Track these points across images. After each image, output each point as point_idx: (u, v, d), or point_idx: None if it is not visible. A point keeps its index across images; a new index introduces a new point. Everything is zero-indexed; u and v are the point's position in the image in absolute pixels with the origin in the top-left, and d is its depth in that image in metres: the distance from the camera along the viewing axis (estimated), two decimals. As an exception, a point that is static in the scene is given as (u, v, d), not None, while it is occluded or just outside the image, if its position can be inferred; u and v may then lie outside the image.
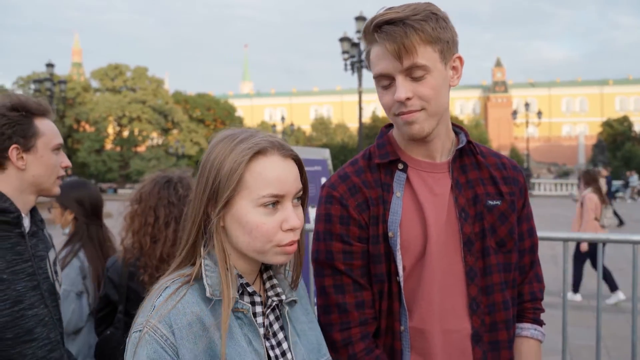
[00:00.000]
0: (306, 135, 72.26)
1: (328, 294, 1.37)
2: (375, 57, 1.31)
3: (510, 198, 1.45)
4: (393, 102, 1.31)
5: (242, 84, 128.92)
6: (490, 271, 1.39)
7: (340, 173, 1.44)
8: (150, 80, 58.93)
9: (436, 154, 1.41)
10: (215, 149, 1.09)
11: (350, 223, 1.36)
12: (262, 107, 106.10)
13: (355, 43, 18.90)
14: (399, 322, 1.36)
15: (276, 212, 1.07)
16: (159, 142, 59.57)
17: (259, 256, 1.10)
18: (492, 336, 1.39)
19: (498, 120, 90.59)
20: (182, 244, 1.12)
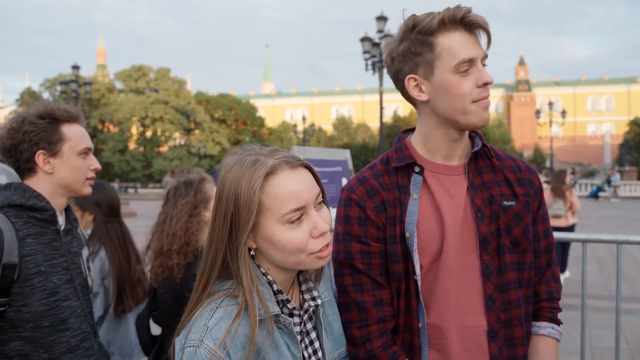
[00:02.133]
0: (327, 135, 72.33)
1: (348, 293, 1.42)
2: (459, 43, 1.36)
3: (525, 199, 1.49)
4: (472, 89, 1.38)
5: (263, 84, 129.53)
6: (506, 269, 1.44)
7: (359, 176, 1.50)
8: (173, 81, 59.59)
9: (455, 156, 1.48)
10: (228, 178, 1.12)
11: (368, 224, 1.42)
12: (283, 107, 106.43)
13: (376, 43, 18.86)
14: (417, 319, 1.41)
15: (302, 223, 1.10)
16: (182, 142, 60.20)
17: (297, 266, 1.14)
18: (508, 332, 1.43)
19: (521, 120, 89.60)
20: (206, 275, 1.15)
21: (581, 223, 9.35)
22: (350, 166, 5.12)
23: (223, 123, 62.56)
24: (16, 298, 1.61)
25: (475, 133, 1.54)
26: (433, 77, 1.40)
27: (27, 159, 1.73)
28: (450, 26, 1.36)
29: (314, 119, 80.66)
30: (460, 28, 1.37)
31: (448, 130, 1.44)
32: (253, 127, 64.61)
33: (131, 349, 2.75)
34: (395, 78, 1.47)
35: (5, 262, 1.57)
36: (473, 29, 1.38)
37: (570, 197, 8.09)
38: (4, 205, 1.67)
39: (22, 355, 1.62)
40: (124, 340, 2.72)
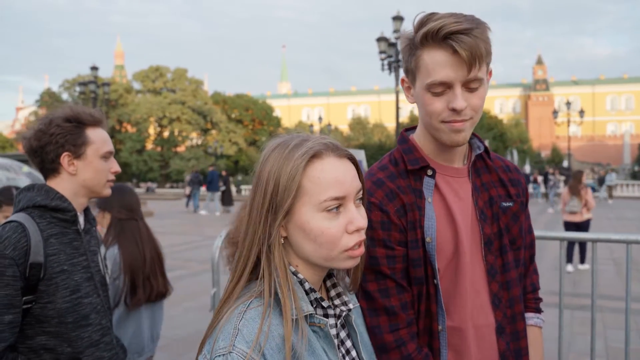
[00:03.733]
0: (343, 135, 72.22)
1: (374, 298, 1.40)
2: (436, 63, 1.30)
3: (519, 199, 1.55)
4: (443, 110, 1.34)
5: (279, 84, 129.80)
6: (509, 268, 1.48)
7: (373, 179, 1.45)
8: (190, 81, 59.97)
9: (456, 159, 1.49)
10: (269, 159, 1.05)
11: (391, 228, 1.40)
12: (300, 107, 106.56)
13: (393, 43, 18.83)
14: (437, 322, 1.42)
15: (339, 215, 1.04)
16: (198, 142, 60.49)
17: (326, 263, 1.07)
18: (513, 327, 1.49)
19: (539, 119, 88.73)
20: (243, 261, 1.07)
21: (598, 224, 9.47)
22: (365, 167, 5.15)
23: (240, 123, 62.79)
24: (41, 295, 1.68)
25: (472, 134, 1.51)
26: (414, 87, 1.41)
27: (52, 160, 1.80)
28: (432, 43, 1.30)
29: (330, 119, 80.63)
30: (444, 46, 1.28)
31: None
32: (269, 127, 64.74)
33: (141, 347, 2.81)
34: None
35: (32, 262, 1.65)
36: (459, 48, 1.27)
37: (585, 195, 8.81)
38: (29, 206, 1.75)
39: (47, 349, 1.70)
40: (135, 336, 2.78)
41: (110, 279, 2.59)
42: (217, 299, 3.20)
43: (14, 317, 1.61)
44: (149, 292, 2.79)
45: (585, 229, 8.83)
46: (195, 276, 8.59)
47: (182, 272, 8.88)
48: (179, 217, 20.54)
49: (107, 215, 2.83)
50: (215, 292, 3.20)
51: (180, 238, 13.53)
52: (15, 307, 1.62)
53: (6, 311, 1.59)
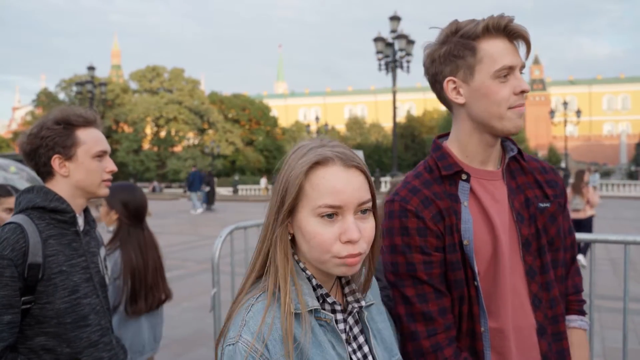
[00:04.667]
0: (340, 135, 72.25)
1: (412, 304, 1.43)
2: (500, 51, 1.41)
3: (557, 200, 1.57)
4: (510, 95, 1.41)
5: (276, 84, 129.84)
6: (547, 268, 1.51)
7: (408, 187, 1.49)
8: (187, 81, 59.92)
9: (490, 161, 1.52)
10: (289, 160, 1.12)
11: (427, 234, 1.43)
12: (297, 106, 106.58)
13: (390, 43, 18.87)
14: (479, 324, 1.44)
15: (334, 223, 1.07)
16: (195, 142, 60.43)
17: (320, 265, 1.10)
18: (554, 328, 1.50)
19: (536, 119, 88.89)
20: (255, 256, 1.15)
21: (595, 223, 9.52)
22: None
23: (236, 123, 62.76)
24: (40, 296, 1.69)
25: (505, 137, 1.57)
26: (472, 81, 1.43)
27: (44, 162, 1.82)
28: (494, 33, 1.41)
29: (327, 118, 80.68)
30: (502, 36, 1.41)
31: (483, 135, 1.48)
32: (266, 126, 64.78)
33: (142, 346, 2.81)
34: (433, 79, 1.51)
35: (31, 262, 1.66)
36: (514, 38, 1.42)
37: (587, 194, 9.13)
38: (28, 208, 1.77)
39: (46, 350, 1.71)
40: (135, 338, 2.78)
41: (111, 279, 2.59)
42: (217, 299, 3.20)
43: (13, 317, 1.63)
44: (150, 302, 2.79)
45: (588, 224, 9.05)
46: (194, 276, 8.59)
47: (181, 272, 8.88)
48: (176, 216, 20.52)
49: (114, 214, 2.81)
50: (215, 293, 3.20)
51: (178, 238, 13.52)
52: (14, 307, 1.63)
53: (5, 311, 1.61)
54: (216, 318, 3.24)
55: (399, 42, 18.83)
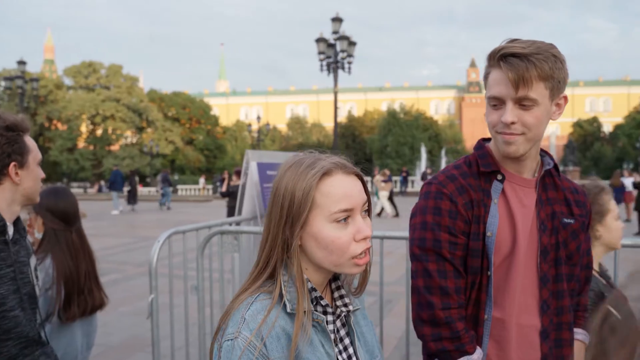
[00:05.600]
0: (282, 135, 72.19)
1: (432, 277, 1.54)
2: (494, 80, 1.49)
3: (582, 219, 1.67)
4: (498, 122, 1.51)
5: (218, 82, 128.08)
6: (561, 279, 1.61)
7: (447, 174, 1.62)
8: (125, 78, 58.36)
9: (525, 170, 1.61)
10: (285, 177, 1.19)
11: (457, 218, 1.56)
12: (238, 105, 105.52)
13: (331, 44, 18.98)
14: (484, 311, 1.57)
15: (348, 225, 1.17)
16: (133, 141, 58.95)
17: (335, 268, 1.19)
18: (558, 335, 1.61)
19: (472, 121, 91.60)
20: (262, 264, 1.21)
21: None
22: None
23: (176, 122, 61.62)
24: None
25: (545, 152, 1.68)
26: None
27: None
28: (493, 62, 1.50)
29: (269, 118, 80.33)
30: (500, 66, 1.46)
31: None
32: (207, 125, 63.90)
33: (75, 356, 2.72)
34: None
35: None
36: (504, 69, 1.46)
37: None
38: None
39: None
40: (68, 347, 2.69)
41: (42, 289, 2.49)
42: (154, 305, 3.13)
43: None
44: (83, 307, 2.69)
45: None
46: (131, 280, 8.37)
47: (117, 276, 8.63)
48: (112, 218, 19.94)
49: (40, 219, 2.69)
50: (152, 299, 3.13)
51: (115, 240, 13.14)
52: None
53: None
54: (154, 325, 3.17)
55: (341, 43, 18.94)
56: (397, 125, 54.29)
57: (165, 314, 3.60)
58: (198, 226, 3.53)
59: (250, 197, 3.98)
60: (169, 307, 3.54)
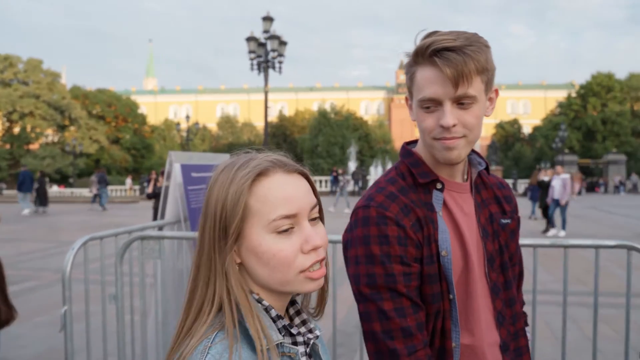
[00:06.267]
0: (212, 134, 71.16)
1: (390, 318, 1.31)
2: (426, 80, 1.30)
3: (515, 216, 1.57)
4: (435, 126, 1.32)
5: (145, 80, 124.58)
6: (510, 285, 1.50)
7: (385, 193, 1.39)
8: (45, 73, 55.77)
9: (457, 175, 1.46)
10: (217, 183, 0.98)
11: (408, 244, 1.33)
12: (167, 104, 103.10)
13: (262, 43, 18.85)
14: (451, 340, 1.38)
15: (293, 234, 0.96)
16: (55, 140, 56.37)
17: (283, 287, 0.98)
18: (516, 344, 1.50)
19: (401, 121, 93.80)
20: (201, 294, 0.98)
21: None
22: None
23: (101, 120, 59.50)
24: None
25: (472, 150, 1.50)
26: (412, 105, 1.40)
27: None
28: (422, 60, 1.31)
29: (199, 117, 79.00)
30: (433, 63, 1.28)
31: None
32: (134, 124, 62.09)
33: None
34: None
35: None
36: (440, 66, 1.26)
37: None
38: None
39: None
40: None
41: None
42: (68, 317, 2.94)
43: None
44: None
45: None
46: (49, 287, 7.89)
47: (34, 283, 8.13)
48: (30, 221, 18.93)
49: None
50: (66, 310, 2.93)
51: (32, 245, 12.44)
52: None
53: None
54: (68, 338, 2.97)
55: (272, 42, 18.86)
56: (327, 125, 54.74)
57: (82, 325, 3.39)
58: (117, 231, 3.35)
59: (173, 200, 3.83)
60: (85, 319, 3.34)
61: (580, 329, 5.67)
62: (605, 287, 7.20)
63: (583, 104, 61.54)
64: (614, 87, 60.71)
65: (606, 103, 60.34)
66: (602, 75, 61.53)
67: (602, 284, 2.71)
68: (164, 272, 3.72)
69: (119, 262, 3.16)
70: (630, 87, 62.11)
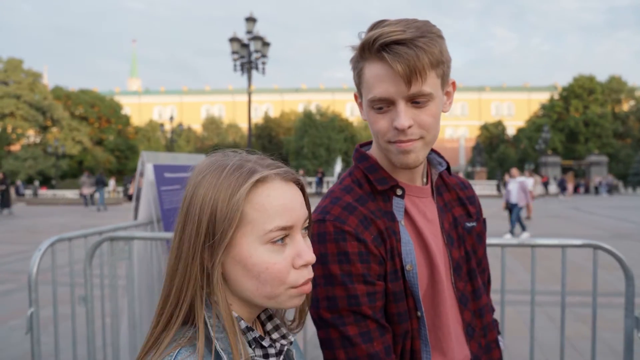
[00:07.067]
0: (197, 135, 70.81)
1: (355, 345, 1.18)
2: (375, 77, 1.16)
3: (480, 217, 1.46)
4: (389, 129, 1.19)
5: (129, 80, 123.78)
6: (479, 293, 1.37)
7: (341, 204, 1.25)
8: (27, 73, 55.08)
9: (417, 178, 1.34)
10: (203, 183, 0.90)
11: (370, 260, 1.20)
12: (151, 105, 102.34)
13: (245, 44, 18.80)
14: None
15: (285, 247, 0.91)
16: (37, 141, 55.73)
17: (269, 302, 0.92)
18: (488, 357, 1.39)
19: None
20: (173, 303, 0.90)
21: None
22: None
23: (84, 121, 58.93)
24: None
25: (431, 150, 1.38)
26: (363, 102, 1.26)
27: None
28: (369, 55, 1.17)
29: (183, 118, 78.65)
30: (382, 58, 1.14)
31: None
32: (118, 125, 61.57)
33: None
34: None
35: None
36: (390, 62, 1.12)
37: None
38: None
39: None
40: None
41: None
42: (34, 319, 2.90)
43: None
44: None
45: None
46: (25, 290, 7.79)
47: (11, 286, 8.05)
48: (9, 224, 18.68)
49: None
50: (32, 312, 2.89)
51: (10, 247, 12.30)
52: None
53: None
54: (34, 341, 2.93)
55: (255, 43, 18.81)
56: (313, 127, 54.71)
57: (47, 329, 3.34)
58: (86, 232, 3.31)
59: (146, 201, 3.80)
60: (53, 322, 3.29)
61: (559, 329, 5.71)
62: (585, 287, 7.28)
63: (565, 106, 62.22)
64: (595, 89, 61.42)
65: (588, 105, 61.05)
66: (584, 78, 62.22)
67: (582, 284, 2.73)
68: (139, 274, 3.68)
69: (88, 264, 3.12)
70: (611, 89, 62.98)
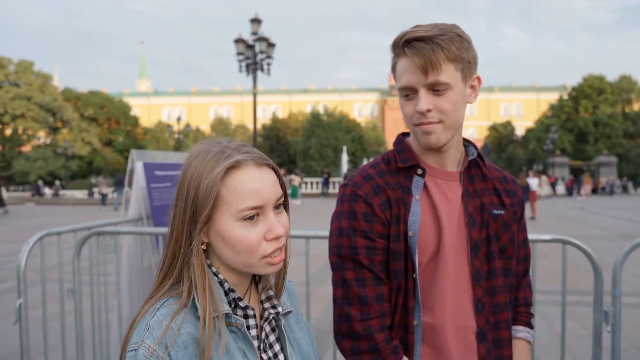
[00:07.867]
0: (205, 136, 70.97)
1: (350, 286, 1.44)
2: (402, 69, 1.42)
3: (512, 209, 1.59)
4: (414, 113, 1.42)
5: (138, 81, 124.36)
6: (495, 274, 1.51)
7: (363, 174, 1.52)
8: (37, 75, 55.44)
9: (448, 163, 1.53)
10: (191, 167, 1.08)
11: (374, 220, 1.45)
12: (160, 106, 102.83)
13: (250, 45, 18.89)
14: (413, 317, 1.46)
15: (258, 223, 1.07)
16: (47, 142, 56.18)
17: (246, 269, 1.10)
18: (496, 335, 1.52)
19: (394, 123, 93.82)
20: (167, 265, 1.11)
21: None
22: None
23: (94, 122, 59.33)
24: None
25: (469, 142, 1.61)
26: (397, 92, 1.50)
27: None
28: (398, 51, 1.43)
29: (192, 119, 79.02)
30: (406, 53, 1.39)
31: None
32: (127, 126, 61.94)
33: None
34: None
35: None
36: (409, 56, 1.38)
37: None
38: None
39: None
40: None
41: None
42: (22, 310, 2.99)
43: None
44: None
45: None
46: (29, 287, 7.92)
47: (14, 283, 8.16)
48: (14, 223, 18.89)
49: None
50: (21, 304, 2.98)
51: (14, 246, 12.43)
52: None
53: None
54: (23, 331, 3.03)
55: (260, 44, 18.90)
56: (320, 127, 54.67)
57: (36, 322, 3.44)
58: (75, 227, 3.41)
59: (136, 198, 3.88)
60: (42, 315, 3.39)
61: (551, 327, 5.74)
62: (582, 286, 7.29)
63: (575, 106, 61.71)
64: (605, 89, 60.84)
65: (598, 105, 60.45)
66: (594, 78, 61.65)
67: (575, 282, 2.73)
68: (129, 269, 3.77)
69: (76, 258, 3.21)
70: (621, 89, 62.30)
